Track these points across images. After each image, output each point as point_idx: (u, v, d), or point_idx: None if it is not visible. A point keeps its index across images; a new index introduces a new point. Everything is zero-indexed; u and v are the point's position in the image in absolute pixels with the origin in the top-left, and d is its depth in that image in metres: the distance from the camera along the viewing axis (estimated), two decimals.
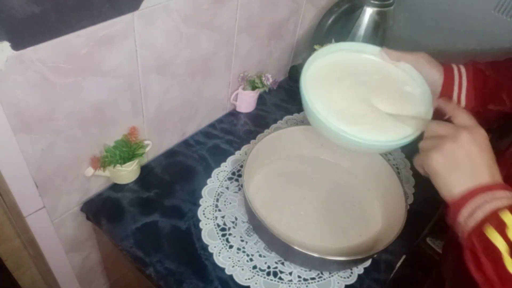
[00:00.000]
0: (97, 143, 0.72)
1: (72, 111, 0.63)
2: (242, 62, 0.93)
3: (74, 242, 0.83)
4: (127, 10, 0.60)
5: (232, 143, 0.92)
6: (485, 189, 0.47)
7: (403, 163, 0.93)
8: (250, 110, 1.02)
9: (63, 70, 0.57)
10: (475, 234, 0.45)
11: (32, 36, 0.51)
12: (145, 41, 0.66)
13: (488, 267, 0.43)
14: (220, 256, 0.70)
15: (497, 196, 0.46)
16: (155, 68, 0.72)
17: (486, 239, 0.43)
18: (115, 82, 0.67)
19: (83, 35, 0.57)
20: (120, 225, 0.73)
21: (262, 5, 0.86)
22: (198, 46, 0.78)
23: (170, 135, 0.88)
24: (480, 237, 0.44)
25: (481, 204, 0.46)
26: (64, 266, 0.84)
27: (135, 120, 0.76)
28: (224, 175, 0.84)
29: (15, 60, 0.51)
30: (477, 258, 0.44)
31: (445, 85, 0.66)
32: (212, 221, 0.75)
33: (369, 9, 0.95)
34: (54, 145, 0.64)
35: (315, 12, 1.05)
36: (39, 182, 0.66)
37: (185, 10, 0.69)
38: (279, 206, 0.76)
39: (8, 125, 0.56)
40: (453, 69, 0.67)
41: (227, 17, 0.79)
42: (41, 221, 0.71)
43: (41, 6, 0.50)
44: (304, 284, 0.68)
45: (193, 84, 0.84)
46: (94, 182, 0.77)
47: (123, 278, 0.93)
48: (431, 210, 0.84)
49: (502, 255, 0.42)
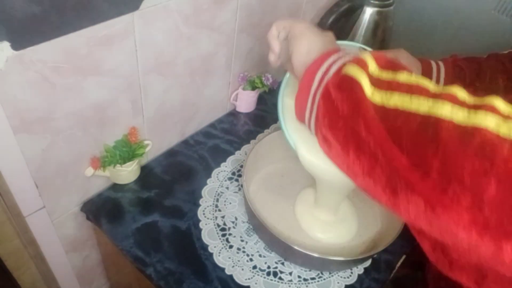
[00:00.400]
0: (97, 143, 0.72)
1: (72, 111, 0.63)
2: (242, 62, 0.93)
3: (74, 242, 0.83)
4: (127, 10, 0.60)
5: (232, 143, 0.92)
6: (332, 52, 0.45)
7: None
8: (250, 110, 1.02)
9: (63, 70, 0.57)
10: (331, 79, 0.41)
11: (32, 36, 0.51)
12: (145, 41, 0.66)
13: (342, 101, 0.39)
14: (220, 256, 0.70)
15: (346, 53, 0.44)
16: (155, 68, 0.72)
17: (344, 75, 0.39)
18: (115, 82, 0.67)
19: (83, 35, 0.57)
20: (120, 225, 0.73)
21: (262, 5, 0.86)
22: (198, 46, 0.78)
23: (170, 135, 0.88)
24: (337, 74, 0.41)
25: (333, 61, 0.43)
26: (64, 266, 0.84)
27: (135, 120, 0.76)
28: (224, 175, 0.84)
29: (15, 60, 0.51)
30: (331, 102, 0.40)
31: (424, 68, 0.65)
32: (212, 221, 0.75)
33: (369, 9, 0.95)
34: (54, 145, 0.64)
35: (315, 12, 1.05)
36: (39, 182, 0.66)
37: (185, 10, 0.69)
38: (279, 206, 0.76)
39: (8, 125, 0.56)
40: (431, 65, 0.66)
41: (227, 17, 0.79)
42: (41, 221, 0.71)
43: (41, 6, 0.50)
44: (304, 284, 0.68)
45: (193, 84, 0.84)
46: (94, 182, 0.77)
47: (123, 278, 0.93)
48: None
49: (362, 85, 0.37)
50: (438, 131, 0.31)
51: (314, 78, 0.43)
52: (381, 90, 0.36)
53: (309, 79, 0.44)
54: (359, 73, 0.38)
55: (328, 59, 0.43)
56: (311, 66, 0.44)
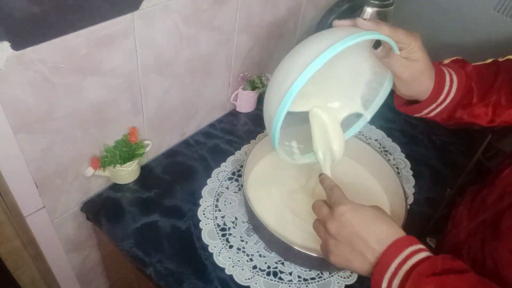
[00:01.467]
0: (97, 143, 0.72)
1: (72, 111, 0.63)
2: (242, 62, 0.93)
3: (74, 242, 0.83)
4: (127, 10, 0.60)
5: (232, 143, 0.92)
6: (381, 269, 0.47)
7: (403, 163, 0.93)
8: (250, 110, 1.02)
9: (63, 70, 0.57)
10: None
11: (32, 36, 0.51)
12: (145, 41, 0.66)
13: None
14: (220, 256, 0.70)
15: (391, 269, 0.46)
16: (155, 68, 0.72)
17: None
18: (115, 82, 0.67)
19: (83, 35, 0.57)
20: (120, 225, 0.73)
21: (262, 5, 0.86)
22: (198, 46, 0.78)
23: (170, 135, 0.88)
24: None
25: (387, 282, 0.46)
26: (64, 266, 0.84)
27: (135, 120, 0.76)
28: (224, 175, 0.84)
29: (15, 60, 0.51)
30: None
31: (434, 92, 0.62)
32: (212, 221, 0.75)
33: (369, 9, 0.95)
34: (54, 145, 0.64)
35: (315, 12, 1.05)
36: (39, 182, 0.66)
37: (185, 10, 0.69)
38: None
39: (8, 125, 0.56)
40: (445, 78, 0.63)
41: (227, 17, 0.79)
42: (41, 221, 0.71)
43: (41, 6, 0.50)
44: (304, 284, 0.68)
45: (193, 84, 0.84)
46: (94, 182, 0.77)
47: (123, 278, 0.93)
48: (431, 210, 0.84)
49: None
50: None
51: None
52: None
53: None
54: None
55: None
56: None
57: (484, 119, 0.65)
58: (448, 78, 0.63)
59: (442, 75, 0.63)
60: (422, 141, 1.00)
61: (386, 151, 0.96)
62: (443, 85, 0.63)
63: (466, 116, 0.65)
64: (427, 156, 0.96)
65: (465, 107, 0.64)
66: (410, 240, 0.48)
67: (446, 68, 0.64)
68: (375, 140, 0.99)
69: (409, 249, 0.47)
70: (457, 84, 0.63)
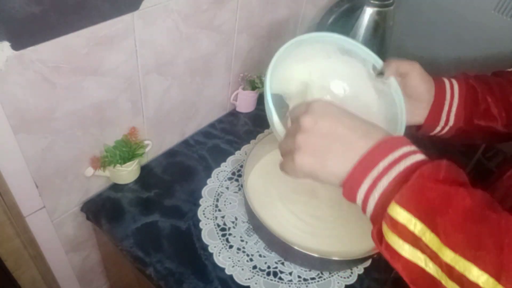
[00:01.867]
0: (97, 143, 0.72)
1: (72, 111, 0.63)
2: (242, 62, 0.93)
3: (74, 242, 0.83)
4: (127, 10, 0.60)
5: (232, 143, 0.92)
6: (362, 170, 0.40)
7: None
8: (250, 110, 1.02)
9: (63, 70, 0.57)
10: (377, 233, 0.40)
11: (32, 36, 0.51)
12: (145, 41, 0.66)
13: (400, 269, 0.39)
14: (220, 256, 0.70)
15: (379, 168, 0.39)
16: (155, 68, 0.72)
17: (387, 244, 0.39)
18: (115, 82, 0.67)
19: (83, 35, 0.57)
20: (120, 225, 0.73)
21: (262, 5, 0.86)
22: (198, 46, 0.78)
23: (170, 135, 0.88)
24: (381, 239, 0.40)
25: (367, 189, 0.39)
26: (64, 266, 0.84)
27: (135, 120, 0.76)
28: (224, 175, 0.84)
29: (15, 60, 0.51)
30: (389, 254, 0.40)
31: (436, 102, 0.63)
32: (212, 221, 0.75)
33: (369, 9, 0.95)
34: (54, 145, 0.64)
35: (315, 12, 1.05)
36: (39, 182, 0.66)
37: (185, 10, 0.69)
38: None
39: (8, 125, 0.56)
40: (444, 83, 0.64)
41: (227, 17, 0.79)
42: (41, 221, 0.71)
43: (41, 6, 0.50)
44: (304, 284, 0.68)
45: (193, 84, 0.84)
46: (94, 182, 0.77)
47: (123, 278, 0.93)
48: None
49: (411, 261, 0.37)
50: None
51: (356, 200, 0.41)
52: (433, 262, 0.36)
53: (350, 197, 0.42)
54: (400, 244, 0.37)
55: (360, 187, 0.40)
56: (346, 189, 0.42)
57: (499, 121, 0.64)
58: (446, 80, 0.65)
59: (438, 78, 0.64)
60: (422, 141, 1.00)
61: None
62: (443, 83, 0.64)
63: (483, 121, 0.64)
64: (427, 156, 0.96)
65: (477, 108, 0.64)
66: (403, 140, 0.41)
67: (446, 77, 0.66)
68: None
69: (403, 149, 0.40)
70: (457, 81, 0.64)
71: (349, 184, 0.41)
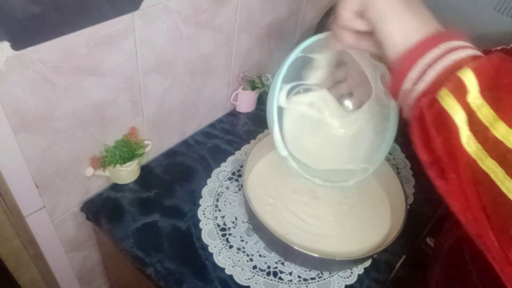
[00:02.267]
0: (97, 143, 0.72)
1: (72, 111, 0.63)
2: (242, 62, 0.93)
3: (74, 242, 0.83)
4: (127, 10, 0.60)
5: (232, 143, 0.92)
6: (438, 39, 0.37)
7: (403, 163, 0.93)
8: (250, 110, 1.02)
9: (63, 70, 0.57)
10: (426, 101, 0.37)
11: (32, 36, 0.51)
12: (145, 41, 0.66)
13: (438, 143, 0.36)
14: (220, 256, 0.70)
15: (453, 45, 0.37)
16: (155, 68, 0.72)
17: (440, 107, 0.35)
18: (115, 82, 0.67)
19: (83, 35, 0.57)
20: (120, 225, 0.73)
21: (262, 5, 0.86)
22: (198, 46, 0.78)
23: (170, 135, 0.88)
24: (432, 104, 0.36)
25: (433, 60, 0.37)
26: (64, 266, 0.84)
27: (135, 120, 0.76)
28: (224, 175, 0.84)
29: (15, 60, 0.51)
30: (426, 131, 0.36)
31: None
32: (212, 221, 0.75)
33: None
34: (54, 145, 0.64)
35: (315, 12, 1.05)
36: (39, 182, 0.66)
37: (185, 10, 0.69)
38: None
39: (8, 125, 0.56)
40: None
41: (227, 17, 0.79)
42: (41, 221, 0.71)
43: (41, 6, 0.50)
44: (304, 284, 0.68)
45: (193, 84, 0.84)
46: (94, 182, 0.77)
47: (123, 278, 0.93)
48: (431, 210, 0.84)
49: (458, 128, 0.34)
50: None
51: (404, 79, 0.38)
52: (476, 140, 0.33)
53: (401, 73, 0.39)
54: (456, 109, 0.34)
55: (424, 56, 0.37)
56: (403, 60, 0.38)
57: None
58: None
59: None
60: None
61: None
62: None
63: None
64: None
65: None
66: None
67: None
68: None
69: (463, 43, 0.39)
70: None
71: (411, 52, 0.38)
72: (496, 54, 0.36)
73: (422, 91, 0.38)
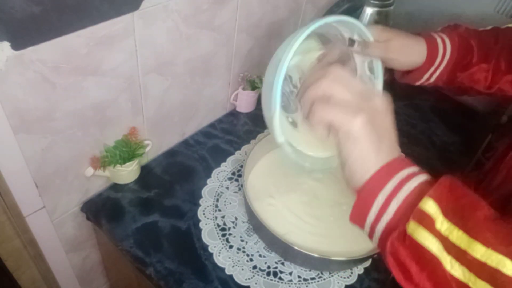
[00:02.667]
0: (97, 143, 0.72)
1: (72, 111, 0.63)
2: (242, 62, 0.93)
3: (74, 242, 0.83)
4: (127, 10, 0.60)
5: (232, 143, 0.92)
6: (393, 169, 0.39)
7: None
8: (250, 110, 1.02)
9: (63, 70, 0.57)
10: (397, 235, 0.37)
11: (32, 36, 0.51)
12: (145, 41, 0.66)
13: (423, 279, 0.36)
14: (220, 256, 0.70)
15: (407, 174, 0.38)
16: (155, 68, 0.72)
17: (414, 241, 0.36)
18: (115, 82, 0.67)
19: (83, 35, 0.57)
20: (120, 225, 0.73)
21: (262, 5, 0.86)
22: (198, 46, 0.78)
23: (170, 135, 0.88)
24: (404, 238, 0.37)
25: (392, 191, 0.38)
26: (64, 266, 0.84)
27: (135, 120, 0.76)
28: (224, 175, 0.84)
29: (15, 60, 0.51)
30: (404, 265, 0.38)
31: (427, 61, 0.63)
32: (212, 221, 0.75)
33: (369, 9, 0.95)
34: (54, 145, 0.64)
35: (315, 12, 1.05)
36: (39, 182, 0.66)
37: (185, 10, 0.69)
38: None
39: (8, 125, 0.56)
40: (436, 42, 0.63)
41: (227, 17, 0.79)
42: (41, 221, 0.71)
43: (41, 6, 0.50)
44: (304, 284, 0.68)
45: (193, 84, 0.84)
46: (94, 182, 0.77)
47: (123, 278, 0.93)
48: None
49: (438, 257, 0.35)
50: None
51: (369, 213, 0.39)
52: (459, 263, 0.34)
53: (364, 206, 0.40)
54: (430, 239, 0.35)
55: (383, 189, 0.38)
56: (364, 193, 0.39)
57: (482, 84, 0.65)
58: (440, 42, 0.64)
59: (433, 40, 0.64)
60: (422, 141, 1.00)
61: None
62: (437, 48, 0.64)
63: (467, 80, 0.65)
64: (427, 156, 0.96)
65: (466, 68, 0.64)
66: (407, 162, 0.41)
67: (437, 33, 0.65)
68: None
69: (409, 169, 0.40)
70: (451, 45, 0.64)
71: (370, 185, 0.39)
72: (444, 177, 0.38)
73: (388, 223, 0.38)
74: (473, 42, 0.65)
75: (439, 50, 0.64)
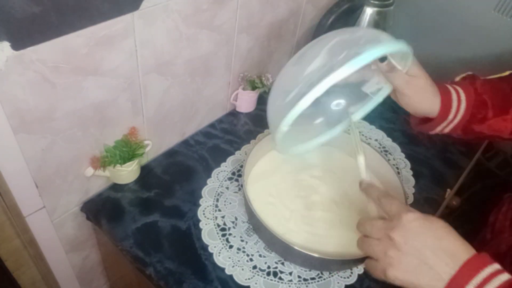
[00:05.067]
0: (97, 143, 0.72)
1: (72, 111, 0.63)
2: (242, 62, 0.93)
3: (74, 242, 0.83)
4: (127, 10, 0.60)
5: (232, 143, 0.92)
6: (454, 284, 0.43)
7: (403, 163, 0.93)
8: (250, 110, 1.02)
9: (63, 70, 0.57)
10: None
11: (32, 36, 0.51)
12: (145, 41, 0.66)
13: None
14: (220, 256, 0.70)
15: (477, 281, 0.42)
16: (155, 68, 0.72)
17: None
18: (115, 82, 0.67)
19: (83, 35, 0.57)
20: (120, 225, 0.73)
21: (262, 5, 0.86)
22: (198, 46, 0.78)
23: (170, 135, 0.88)
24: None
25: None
26: (64, 266, 0.84)
27: (135, 120, 0.76)
28: (224, 175, 0.84)
29: (15, 60, 0.51)
30: None
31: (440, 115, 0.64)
32: (212, 221, 0.75)
33: (369, 9, 0.95)
34: (54, 145, 0.64)
35: (315, 12, 1.05)
36: (39, 182, 0.66)
37: (185, 10, 0.69)
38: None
39: (8, 125, 0.56)
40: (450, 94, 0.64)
41: (227, 17, 0.79)
42: (41, 221, 0.71)
43: (41, 6, 0.50)
44: (304, 284, 0.68)
45: (193, 84, 0.84)
46: (94, 182, 0.77)
47: (123, 278, 0.93)
48: (431, 210, 0.84)
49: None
50: None
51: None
52: None
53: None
54: None
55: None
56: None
57: (505, 132, 0.64)
58: (455, 96, 0.64)
59: (448, 93, 0.64)
60: (422, 141, 1.00)
61: (386, 151, 0.96)
62: (450, 102, 0.63)
63: (487, 130, 0.65)
64: (427, 156, 0.96)
65: (482, 121, 0.64)
66: (486, 260, 0.44)
67: (452, 86, 0.65)
68: (375, 140, 0.99)
69: (487, 269, 0.43)
70: (466, 101, 0.63)
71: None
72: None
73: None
74: (487, 97, 0.64)
75: (453, 106, 0.63)
